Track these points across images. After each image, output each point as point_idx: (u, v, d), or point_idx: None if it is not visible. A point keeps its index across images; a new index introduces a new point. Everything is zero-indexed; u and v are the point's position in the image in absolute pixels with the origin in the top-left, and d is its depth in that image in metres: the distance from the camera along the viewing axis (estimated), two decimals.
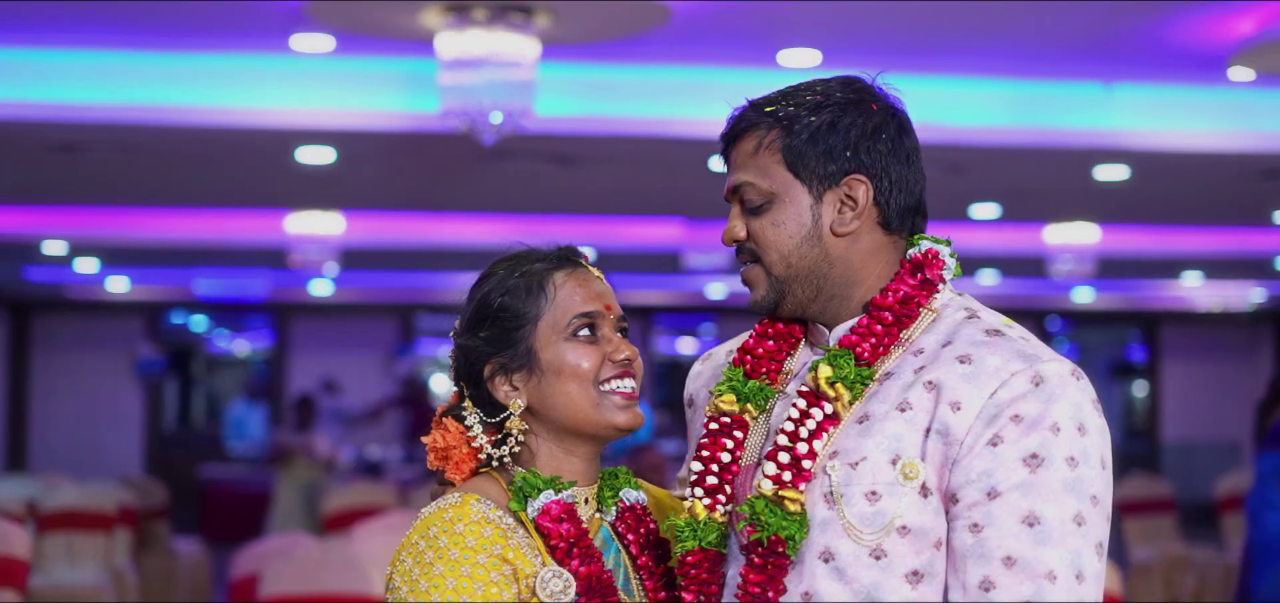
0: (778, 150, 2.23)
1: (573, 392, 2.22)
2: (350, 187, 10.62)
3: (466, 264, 16.53)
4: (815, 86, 2.27)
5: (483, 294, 2.28)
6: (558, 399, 2.23)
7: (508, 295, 2.25)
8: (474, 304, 2.28)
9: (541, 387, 2.23)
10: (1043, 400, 2.04)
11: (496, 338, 2.24)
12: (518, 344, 2.23)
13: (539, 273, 2.27)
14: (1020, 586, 1.99)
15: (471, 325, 2.27)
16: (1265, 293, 19.68)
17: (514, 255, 2.32)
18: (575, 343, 2.24)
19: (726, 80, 8.23)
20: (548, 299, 2.25)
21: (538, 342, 2.23)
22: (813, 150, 2.21)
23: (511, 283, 2.26)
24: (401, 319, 21.01)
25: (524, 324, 2.24)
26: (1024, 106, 8.65)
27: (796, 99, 2.26)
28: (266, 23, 7.05)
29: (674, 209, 12.74)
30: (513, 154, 9.02)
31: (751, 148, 2.26)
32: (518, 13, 6.47)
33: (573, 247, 2.34)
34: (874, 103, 2.25)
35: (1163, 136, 8.92)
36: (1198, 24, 7.21)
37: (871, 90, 2.27)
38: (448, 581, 2.05)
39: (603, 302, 2.28)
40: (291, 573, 5.92)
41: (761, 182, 2.24)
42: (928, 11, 7.02)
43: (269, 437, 19.18)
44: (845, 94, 2.25)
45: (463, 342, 2.28)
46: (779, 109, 2.25)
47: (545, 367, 2.23)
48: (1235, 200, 11.24)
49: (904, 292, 2.20)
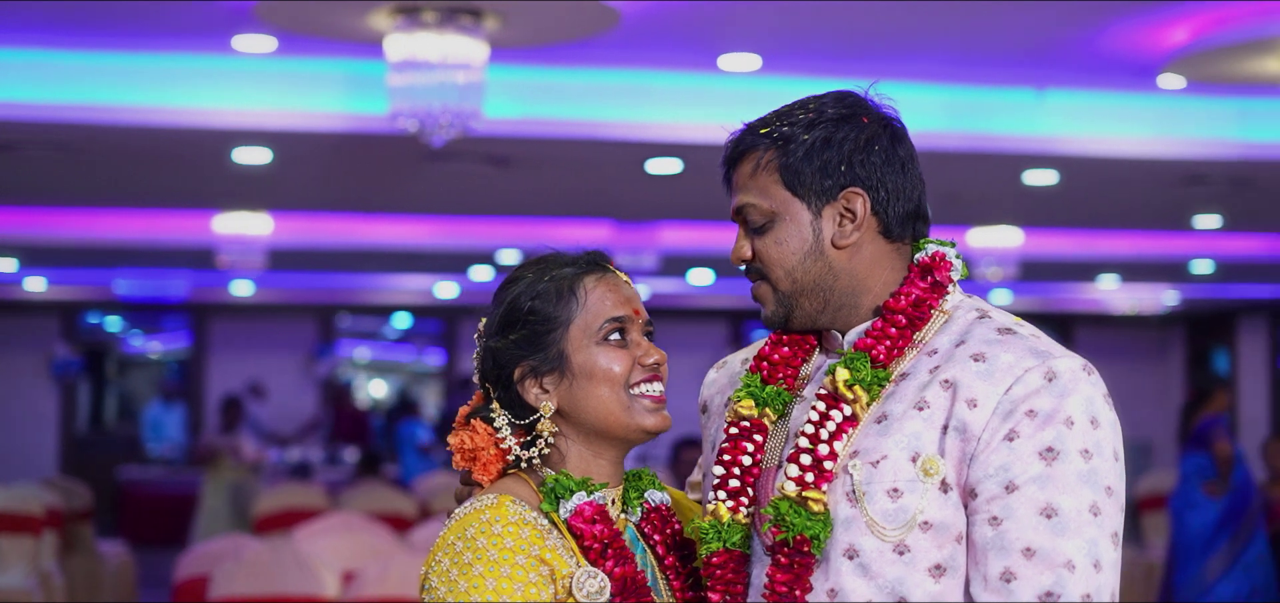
0: (775, 170, 2.29)
1: (604, 395, 2.25)
2: (284, 187, 10.58)
3: (391, 265, 16.52)
4: (808, 104, 2.32)
5: (512, 297, 2.30)
6: (589, 402, 2.26)
7: (538, 299, 2.27)
8: (503, 307, 2.30)
9: (572, 390, 2.26)
10: (1056, 395, 2.11)
11: (527, 341, 2.26)
12: (549, 348, 2.26)
13: (569, 277, 2.29)
14: (1040, 576, 2.05)
15: (501, 328, 2.29)
16: (1178, 295, 20.01)
17: (541, 259, 2.35)
18: (606, 347, 2.27)
19: (666, 83, 8.32)
20: (579, 303, 2.27)
21: (569, 345, 2.26)
22: (809, 167, 2.27)
23: (541, 287, 2.28)
24: (322, 320, 20.90)
25: (555, 328, 2.26)
26: (958, 112, 8.76)
27: (790, 118, 2.31)
28: (212, 23, 7.02)
29: (604, 212, 12.79)
30: (449, 156, 9.02)
31: (750, 169, 2.32)
32: (467, 15, 6.49)
33: (600, 251, 2.37)
34: (866, 115, 2.30)
35: (1092, 142, 9.07)
36: (1132, 32, 7.34)
37: (863, 103, 2.32)
38: (487, 581, 2.08)
39: (632, 306, 2.31)
40: (242, 575, 5.92)
41: (762, 202, 2.30)
42: (866, 18, 7.12)
43: (191, 439, 19.06)
44: (837, 109, 2.30)
45: (493, 344, 2.30)
46: (774, 129, 2.30)
47: (577, 370, 2.25)
48: (1158, 205, 11.43)
49: (916, 295, 2.26)
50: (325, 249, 14.43)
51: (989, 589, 2.08)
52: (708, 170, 9.60)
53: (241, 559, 6.01)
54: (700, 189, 10.61)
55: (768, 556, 2.19)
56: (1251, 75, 7.55)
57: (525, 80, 8.07)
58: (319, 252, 14.67)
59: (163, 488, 17.52)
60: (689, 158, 9.30)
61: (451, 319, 21.59)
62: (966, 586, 2.13)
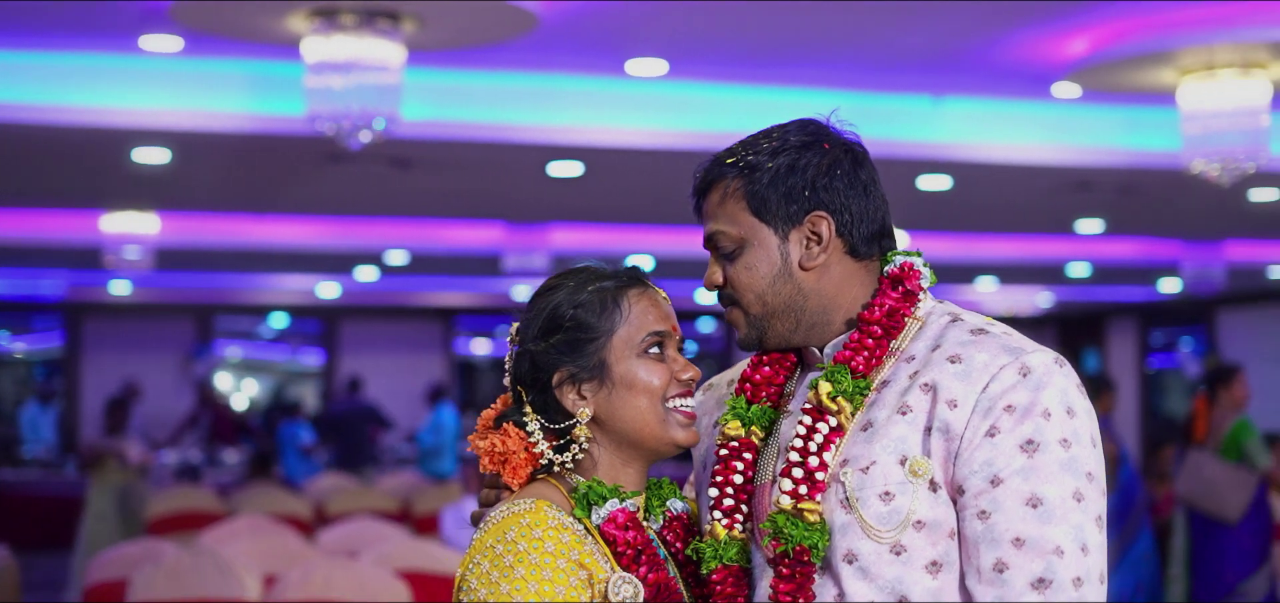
0: (742, 197, 2.36)
1: (642, 406, 2.31)
2: (179, 188, 10.46)
3: (275, 265, 16.37)
4: (772, 133, 2.39)
5: (553, 305, 2.34)
6: (626, 412, 2.31)
7: (581, 308, 2.32)
8: (545, 313, 2.34)
9: (611, 398, 2.31)
10: (1032, 389, 2.19)
11: (567, 347, 2.31)
12: (589, 356, 2.31)
13: (612, 290, 2.34)
14: (1031, 564, 2.13)
15: (542, 333, 2.33)
16: (1052, 297, 20.41)
17: (579, 270, 2.39)
18: (647, 360, 2.32)
19: (573, 87, 8.36)
20: (623, 315, 2.32)
21: (611, 355, 2.31)
22: (774, 193, 2.34)
23: (583, 297, 2.33)
24: (200, 320, 20.67)
25: (596, 337, 2.31)
26: (856, 117, 8.83)
27: (755, 147, 2.38)
28: (123, 22, 6.96)
29: (497, 213, 12.80)
30: (352, 157, 8.99)
31: (718, 198, 2.39)
32: (385, 18, 6.49)
33: (639, 267, 2.41)
34: (827, 141, 2.37)
35: (986, 149, 9.26)
36: (1033, 43, 7.51)
37: (826, 129, 2.40)
38: (529, 584, 2.12)
39: (670, 323, 2.37)
40: (162, 580, 5.87)
41: (731, 229, 2.37)
42: (772, 24, 7.22)
43: (65, 440, 18.72)
44: (800, 137, 2.37)
45: (533, 348, 2.33)
46: (739, 158, 2.38)
47: (616, 380, 2.31)
48: (1045, 210, 11.67)
49: (889, 305, 2.34)
50: (211, 249, 14.28)
51: (983, 581, 2.16)
52: (608, 173, 9.70)
53: (160, 564, 5.95)
54: (597, 192, 10.67)
55: (770, 568, 2.27)
56: (1147, 86, 7.76)
57: (434, 83, 8.07)
58: (204, 251, 14.52)
59: (40, 490, 17.18)
60: (591, 161, 9.35)
61: (332, 319, 21.45)
62: (962, 579, 2.21)
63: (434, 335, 22.09)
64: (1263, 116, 7.47)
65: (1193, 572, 9.75)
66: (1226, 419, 9.52)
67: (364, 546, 7.31)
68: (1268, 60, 7.35)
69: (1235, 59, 7.33)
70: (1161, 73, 7.55)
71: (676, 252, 14.87)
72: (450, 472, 15.94)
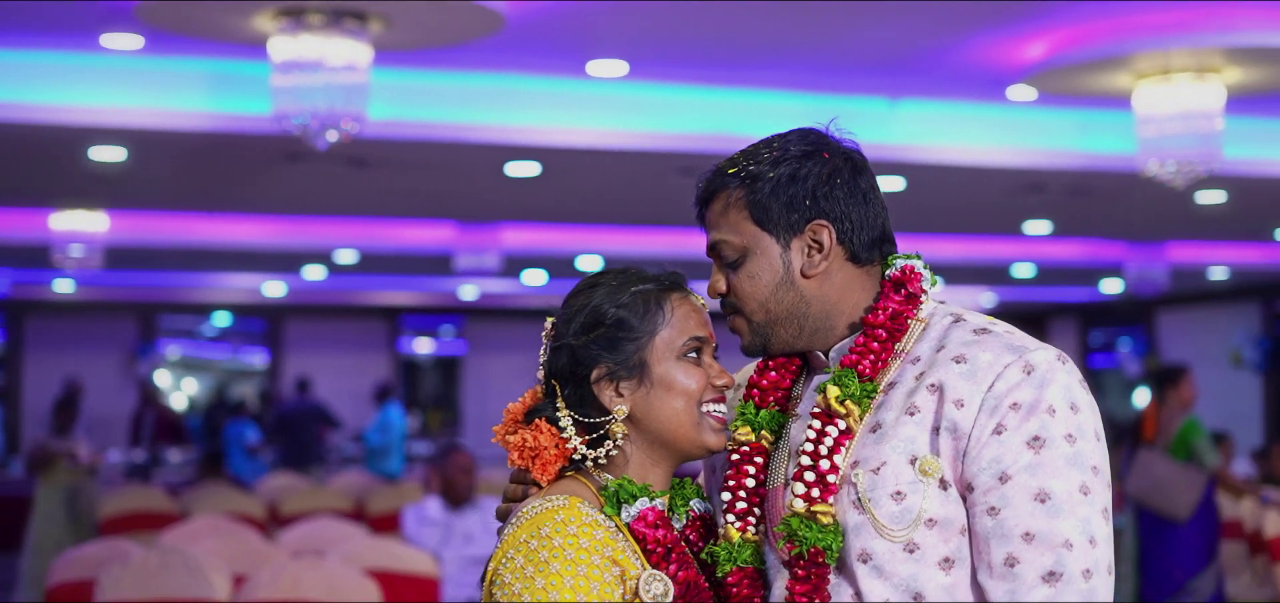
0: (744, 207, 2.40)
1: (678, 408, 2.34)
2: (132, 186, 10.39)
3: (222, 264, 16.29)
4: (773, 143, 2.43)
5: (595, 303, 2.37)
6: (663, 412, 2.35)
7: (624, 309, 2.35)
8: (587, 310, 2.37)
9: (648, 398, 2.34)
10: (1036, 386, 2.24)
11: (608, 344, 2.35)
12: (629, 355, 2.34)
13: (655, 293, 2.37)
14: (1041, 557, 2.17)
15: (585, 329, 2.36)
16: (995, 297, 20.58)
17: (620, 271, 2.42)
18: (686, 364, 2.36)
19: (533, 88, 8.38)
20: (665, 318, 2.36)
21: (651, 356, 2.35)
22: (776, 203, 2.38)
23: (625, 298, 2.36)
24: (143, 319, 20.53)
25: (638, 337, 2.34)
26: (812, 119, 8.90)
27: (757, 158, 2.41)
28: (86, 20, 6.93)
29: (451, 213, 12.80)
30: (310, 157, 8.97)
31: (720, 208, 2.43)
32: (352, 18, 6.49)
33: (680, 273, 2.45)
34: (827, 151, 2.42)
35: (940, 151, 9.35)
36: (991, 47, 7.59)
37: (825, 139, 2.44)
38: (565, 579, 2.15)
39: (709, 330, 2.41)
40: (129, 580, 5.84)
41: (733, 238, 2.41)
42: (729, 27, 7.28)
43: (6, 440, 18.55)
44: (801, 146, 2.41)
45: (573, 343, 2.36)
46: (741, 169, 2.41)
47: (655, 380, 2.34)
48: (996, 211, 11.78)
49: (893, 309, 2.38)
50: (158, 248, 14.20)
51: (995, 576, 2.21)
52: (565, 173, 9.71)
53: (127, 564, 5.92)
54: (552, 192, 10.69)
55: (784, 570, 2.31)
56: (1103, 89, 7.86)
57: (394, 82, 8.07)
58: (152, 250, 14.43)
59: None
60: (549, 161, 9.37)
61: (276, 318, 21.35)
62: (973, 574, 2.25)
63: (379, 334, 22.03)
64: (1217, 120, 7.58)
65: (1142, 570, 9.86)
66: (1175, 419, 9.63)
67: (326, 545, 7.30)
68: (1222, 65, 7.47)
69: (1190, 63, 7.44)
70: (1117, 77, 7.65)
71: (626, 251, 14.92)
72: (397, 471, 15.92)
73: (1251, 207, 11.85)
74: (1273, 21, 7.17)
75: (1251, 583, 10.36)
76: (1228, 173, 9.06)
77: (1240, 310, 19.46)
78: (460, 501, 8.00)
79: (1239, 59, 7.41)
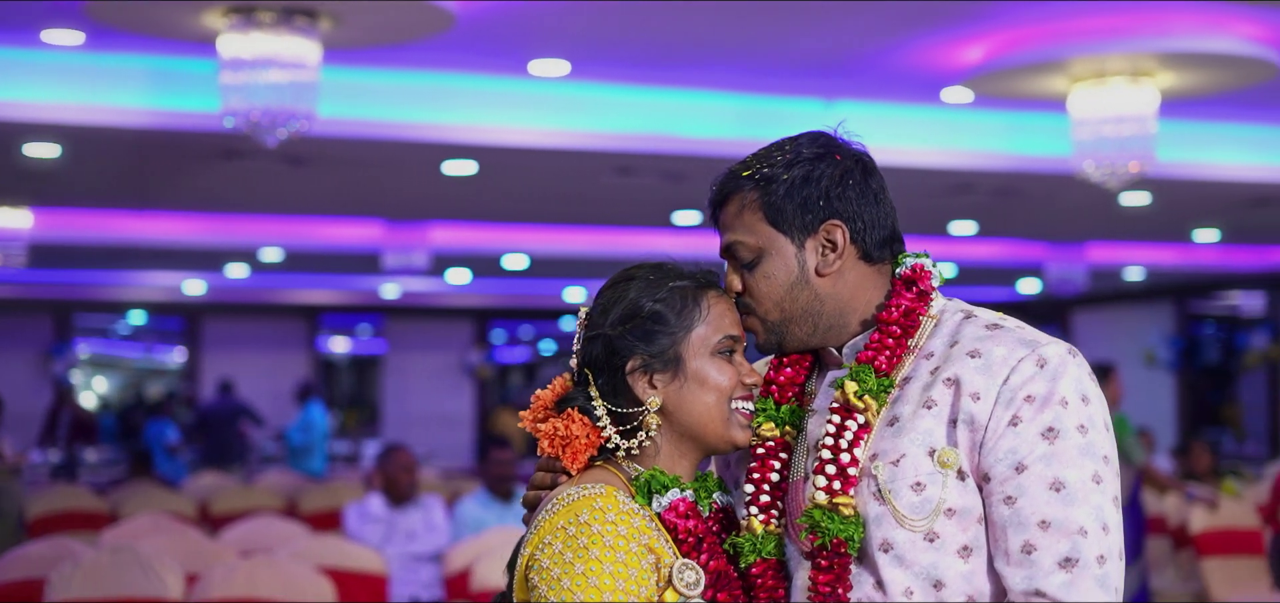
0: (758, 208, 2.45)
1: (710, 402, 2.40)
2: (61, 183, 10.28)
3: (143, 261, 16.13)
4: (785, 146, 2.49)
5: (632, 296, 2.42)
6: (695, 406, 2.40)
7: (661, 303, 2.41)
8: (623, 302, 2.42)
9: (681, 391, 2.40)
10: (1049, 379, 2.31)
11: (644, 337, 2.39)
12: (665, 349, 2.40)
13: (691, 289, 2.43)
14: (1057, 544, 2.25)
15: (622, 320, 2.41)
16: None
17: (655, 266, 2.47)
18: (719, 360, 2.42)
19: (473, 87, 8.39)
20: (701, 315, 2.42)
21: (687, 350, 2.40)
22: (790, 204, 2.44)
23: (664, 293, 2.41)
24: (58, 317, 20.28)
25: (674, 331, 2.40)
26: (748, 120, 9.01)
27: (770, 160, 2.47)
28: (31, 16, 6.87)
29: (380, 210, 12.77)
30: (247, 154, 8.93)
31: (735, 209, 2.48)
32: (302, 16, 6.48)
33: (714, 271, 2.50)
34: (839, 153, 2.48)
35: (874, 152, 9.38)
36: (929, 50, 7.69)
37: (836, 141, 2.51)
38: (604, 565, 2.20)
39: (741, 328, 2.46)
40: (80, 579, 5.80)
41: (749, 238, 2.46)
42: (670, 28, 7.34)
43: None
44: (812, 149, 2.48)
45: (610, 333, 2.41)
46: (755, 171, 2.47)
47: (689, 375, 2.40)
48: (924, 212, 11.90)
49: (905, 306, 2.45)
50: (82, 245, 14.06)
51: (1012, 563, 2.28)
52: (501, 172, 9.69)
53: (78, 563, 5.87)
54: (485, 191, 10.69)
55: (807, 561, 2.37)
56: (1039, 92, 7.98)
57: (336, 81, 8.04)
58: (75, 248, 14.28)
59: None
60: (486, 160, 9.38)
61: (194, 317, 21.16)
62: (989, 561, 2.33)
63: (298, 333, 21.89)
64: (1150, 123, 7.73)
65: None
66: None
67: (270, 544, 7.28)
68: (1156, 69, 7.61)
69: (1125, 68, 7.58)
70: (1053, 80, 7.77)
71: (550, 251, 14.95)
72: (320, 470, 15.85)
73: (1173, 208, 12.06)
74: (1205, 26, 7.33)
75: (1176, 578, 10.55)
76: (1155, 175, 9.23)
77: (1154, 310, 19.77)
78: (402, 498, 8.03)
79: (1172, 63, 7.56)
